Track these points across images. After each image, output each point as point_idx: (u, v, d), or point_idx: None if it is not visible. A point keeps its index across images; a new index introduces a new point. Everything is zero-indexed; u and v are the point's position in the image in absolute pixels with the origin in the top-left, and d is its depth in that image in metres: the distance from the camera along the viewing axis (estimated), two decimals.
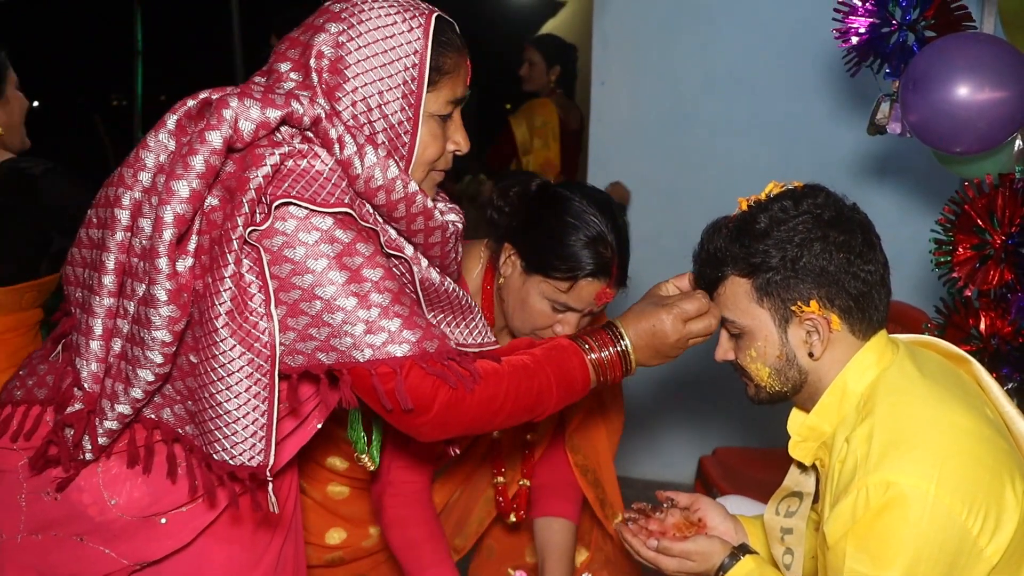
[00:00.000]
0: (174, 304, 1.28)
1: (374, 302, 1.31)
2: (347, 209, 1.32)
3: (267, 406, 1.30)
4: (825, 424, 1.46)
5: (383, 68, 1.41)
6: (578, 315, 1.78)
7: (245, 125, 1.31)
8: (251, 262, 1.29)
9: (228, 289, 1.28)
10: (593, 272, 1.72)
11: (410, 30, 1.42)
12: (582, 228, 1.72)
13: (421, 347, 1.33)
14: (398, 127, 1.43)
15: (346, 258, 1.31)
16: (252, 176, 1.29)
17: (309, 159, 1.34)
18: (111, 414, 1.36)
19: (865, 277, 1.42)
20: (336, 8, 1.44)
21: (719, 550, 1.55)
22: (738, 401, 4.00)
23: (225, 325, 1.28)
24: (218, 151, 1.30)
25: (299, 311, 1.30)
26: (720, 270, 1.48)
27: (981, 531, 1.27)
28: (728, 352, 1.54)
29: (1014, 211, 2.09)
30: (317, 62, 1.39)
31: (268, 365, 1.29)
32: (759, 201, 1.47)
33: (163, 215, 1.27)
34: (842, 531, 1.32)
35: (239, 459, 1.32)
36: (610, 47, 3.74)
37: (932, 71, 2.07)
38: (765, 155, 3.55)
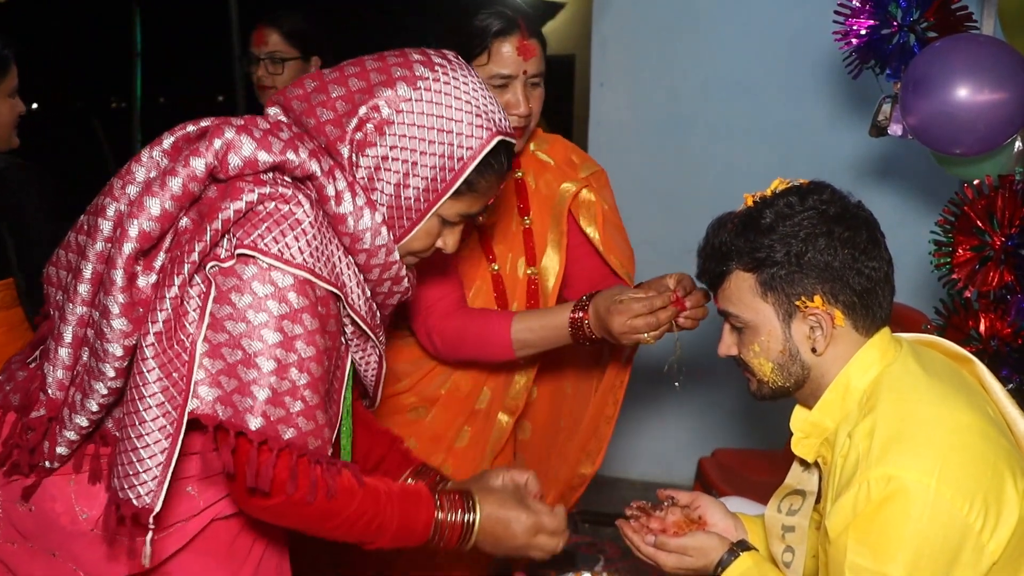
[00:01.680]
0: (126, 317, 1.26)
1: (290, 376, 1.28)
2: (307, 274, 1.29)
3: (169, 444, 1.27)
4: (828, 420, 1.46)
5: (424, 155, 1.39)
6: (519, 85, 1.88)
7: (232, 159, 1.30)
8: (197, 294, 1.28)
9: (164, 310, 1.26)
10: (499, 30, 1.87)
11: (469, 135, 1.40)
12: (475, 10, 1.88)
13: (304, 440, 1.30)
14: (404, 209, 1.41)
15: (286, 322, 1.27)
16: (224, 207, 1.27)
17: (291, 205, 1.30)
18: (70, 424, 1.34)
19: (869, 274, 1.42)
20: (418, 71, 1.40)
21: (717, 546, 1.56)
22: (737, 403, 4.01)
23: (151, 344, 1.26)
24: (198, 178, 1.29)
25: (219, 354, 1.27)
26: (724, 264, 1.49)
27: (983, 526, 1.28)
28: (731, 347, 1.54)
29: (1014, 212, 2.09)
30: (368, 112, 1.37)
31: (180, 399, 1.26)
32: (764, 197, 1.48)
33: (128, 228, 1.26)
34: (843, 525, 1.33)
35: (128, 493, 1.28)
36: (609, 50, 3.74)
37: (931, 73, 2.08)
38: (764, 158, 3.55)
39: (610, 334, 1.83)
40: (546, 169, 2.10)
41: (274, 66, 2.82)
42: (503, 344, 1.92)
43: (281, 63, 2.81)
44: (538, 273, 2.08)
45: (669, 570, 1.60)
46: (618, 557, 3.32)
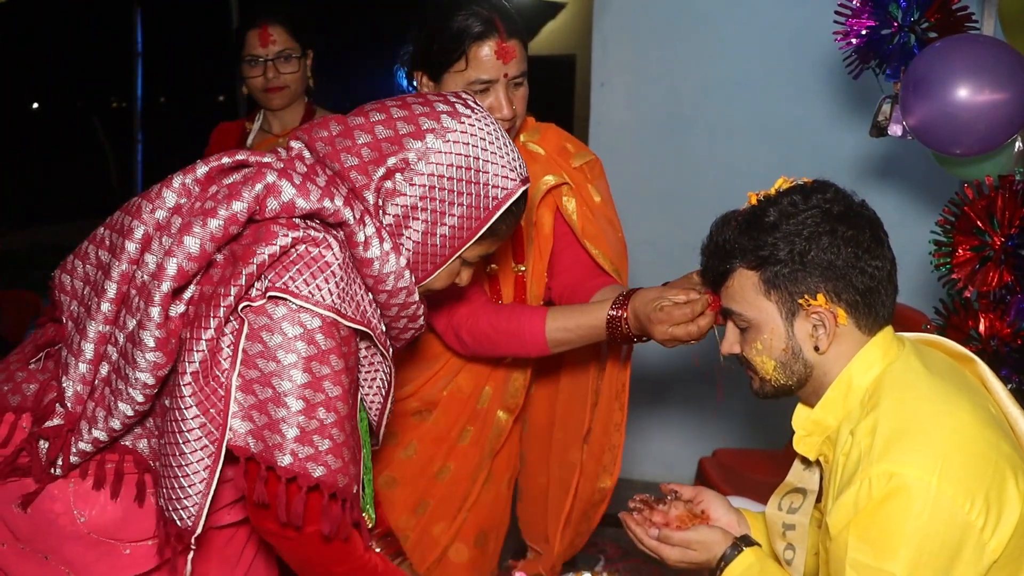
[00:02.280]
0: (161, 351, 1.30)
1: (318, 416, 1.31)
2: (335, 316, 1.32)
3: (208, 474, 1.31)
4: (830, 418, 1.47)
5: (452, 204, 1.43)
6: (501, 88, 1.85)
7: (271, 203, 1.33)
8: (231, 332, 1.31)
9: (201, 351, 1.30)
10: (477, 34, 1.81)
11: (496, 186, 1.45)
12: (453, 9, 1.83)
13: (334, 477, 1.33)
14: (429, 255, 1.46)
15: (315, 363, 1.31)
16: (259, 251, 1.30)
17: (322, 248, 1.34)
18: (87, 436, 1.37)
19: (872, 272, 1.42)
20: (445, 123, 1.43)
21: (720, 540, 1.56)
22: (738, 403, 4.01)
23: (188, 384, 1.30)
24: (239, 221, 1.32)
25: (250, 390, 1.31)
26: (728, 262, 1.49)
27: (985, 524, 1.28)
28: (734, 345, 1.54)
29: (1014, 213, 2.09)
30: (397, 163, 1.40)
31: (218, 433, 1.30)
32: (768, 195, 1.48)
33: (167, 266, 1.29)
34: (844, 521, 1.33)
35: (172, 515, 1.35)
36: (610, 49, 3.74)
37: (932, 73, 2.08)
38: (765, 158, 3.55)
39: (651, 337, 1.81)
40: (535, 160, 2.06)
41: (285, 64, 2.67)
42: (538, 344, 1.89)
43: (295, 60, 2.67)
44: (525, 270, 2.06)
45: (671, 564, 1.60)
46: (618, 557, 3.32)
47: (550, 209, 2.06)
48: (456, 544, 2.12)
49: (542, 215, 2.05)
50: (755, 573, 1.53)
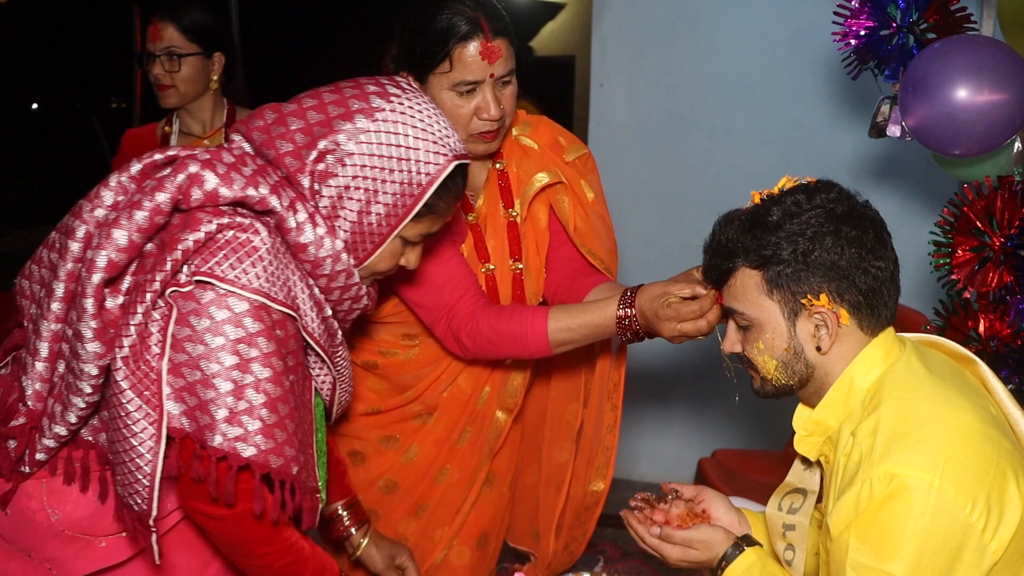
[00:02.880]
0: (99, 341, 1.34)
1: (247, 397, 1.34)
2: (263, 299, 1.36)
3: (153, 456, 1.35)
4: (831, 419, 1.47)
5: (385, 183, 1.46)
6: (488, 88, 1.82)
7: (195, 192, 1.37)
8: (161, 317, 1.35)
9: (129, 336, 1.34)
10: (462, 35, 1.77)
11: (427, 162, 1.48)
12: (435, 9, 1.79)
13: (265, 458, 1.36)
14: (367, 234, 1.49)
15: (242, 346, 1.34)
16: (184, 238, 1.34)
17: (249, 234, 1.37)
18: (49, 432, 1.41)
19: (876, 273, 1.42)
20: (374, 103, 1.46)
21: (722, 539, 1.56)
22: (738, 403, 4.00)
23: (120, 368, 1.34)
24: (163, 211, 1.36)
25: (180, 373, 1.34)
26: (731, 261, 1.49)
27: (986, 526, 1.28)
28: (735, 344, 1.54)
29: (1013, 213, 2.09)
30: (328, 145, 1.43)
31: (156, 415, 1.34)
32: (772, 195, 1.48)
33: (96, 259, 1.33)
34: (845, 522, 1.33)
35: (128, 500, 1.39)
36: (609, 50, 3.74)
37: (931, 74, 2.07)
38: (764, 158, 3.55)
39: (658, 334, 1.80)
40: (528, 155, 2.04)
41: (171, 63, 2.59)
42: (541, 345, 1.87)
43: (178, 59, 2.59)
44: (522, 267, 2.05)
45: (672, 562, 1.60)
46: (618, 558, 3.32)
47: (545, 204, 2.05)
48: (457, 546, 2.12)
49: (537, 210, 2.04)
50: (756, 573, 1.53)
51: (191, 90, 2.63)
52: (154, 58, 2.60)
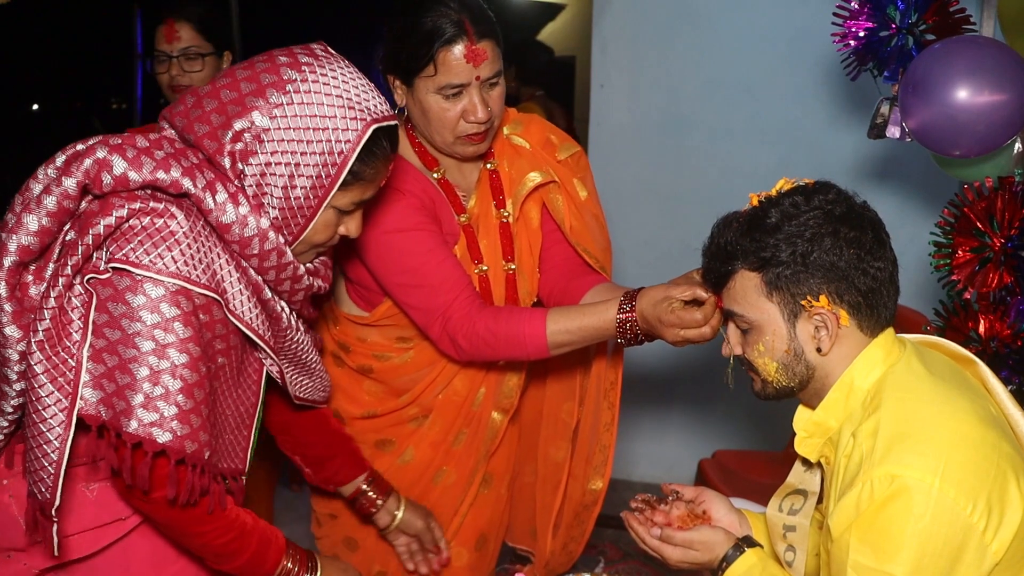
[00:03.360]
0: (15, 324, 1.35)
1: (163, 382, 1.34)
2: (182, 283, 1.35)
3: (60, 443, 1.33)
4: (831, 420, 1.47)
5: (305, 155, 1.43)
6: (475, 91, 1.81)
7: (105, 177, 1.36)
8: (81, 303, 1.35)
9: (44, 320, 1.34)
10: (447, 39, 1.75)
11: (345, 129, 1.44)
12: (420, 12, 1.77)
13: (181, 444, 1.36)
14: (296, 209, 1.47)
15: (158, 331, 1.34)
16: (95, 223, 1.34)
17: (165, 218, 1.36)
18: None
19: (875, 274, 1.42)
20: (286, 75, 1.43)
21: (722, 541, 1.56)
22: (738, 404, 4.00)
23: (34, 353, 1.33)
24: (71, 196, 1.35)
25: (99, 359, 1.33)
26: (730, 264, 1.49)
27: (987, 526, 1.28)
28: (736, 347, 1.55)
29: (1013, 214, 2.09)
30: (244, 124, 1.41)
31: (67, 402, 1.33)
32: (770, 196, 1.48)
33: (7, 243, 1.34)
34: (846, 524, 1.33)
35: (34, 488, 1.37)
36: (609, 50, 3.74)
37: (931, 74, 2.07)
38: (764, 159, 3.55)
39: (661, 338, 1.79)
40: (520, 155, 2.03)
41: (190, 63, 2.53)
42: (539, 347, 1.85)
43: (201, 59, 2.54)
44: (515, 268, 2.04)
45: (673, 564, 1.60)
46: (619, 559, 3.32)
47: (537, 204, 2.04)
48: (456, 547, 2.12)
49: (529, 210, 2.04)
50: (757, 573, 1.53)
51: None
52: (169, 59, 2.53)
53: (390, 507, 1.94)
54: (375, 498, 1.93)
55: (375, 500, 1.93)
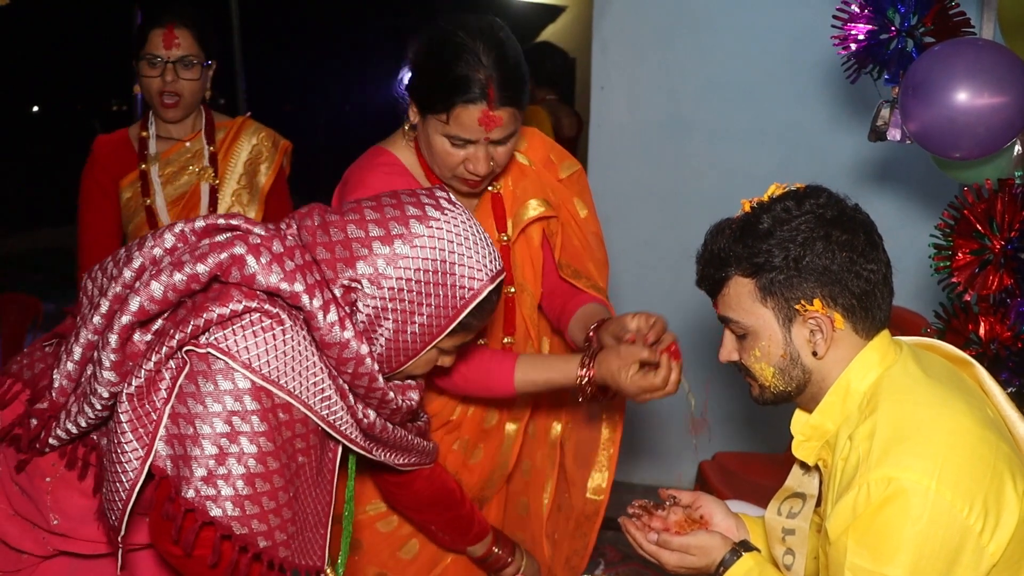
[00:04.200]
0: (115, 371, 1.44)
1: (227, 464, 1.41)
2: (267, 384, 1.42)
3: (130, 485, 1.42)
4: (828, 423, 1.47)
5: (421, 305, 1.51)
6: (481, 147, 1.80)
7: (234, 272, 1.44)
8: (175, 366, 1.43)
9: (139, 378, 1.42)
10: (469, 98, 1.74)
11: (462, 287, 1.52)
12: (451, 56, 1.74)
13: (230, 523, 1.41)
14: (401, 349, 1.54)
15: (235, 418, 1.40)
16: (211, 309, 1.42)
17: (272, 321, 1.43)
18: (61, 426, 1.51)
19: (868, 276, 1.42)
20: (413, 228, 1.49)
21: (719, 545, 1.56)
22: (739, 407, 3.99)
23: (123, 403, 1.42)
24: (200, 280, 1.43)
25: (176, 422, 1.42)
26: (723, 271, 1.49)
27: (984, 528, 1.28)
28: (732, 353, 1.54)
29: (1013, 216, 2.09)
30: (364, 268, 1.48)
31: (143, 452, 1.42)
32: (762, 202, 1.48)
33: (131, 302, 1.43)
34: (843, 526, 1.33)
35: (107, 511, 1.48)
36: (609, 52, 3.74)
37: (931, 77, 2.08)
38: (764, 161, 3.55)
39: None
40: (524, 175, 2.03)
41: (186, 70, 2.50)
42: (506, 391, 1.90)
43: (199, 68, 2.52)
44: (513, 292, 2.05)
45: (671, 569, 1.60)
46: (618, 561, 3.32)
47: (538, 225, 2.06)
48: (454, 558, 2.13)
49: (530, 230, 2.05)
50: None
51: (196, 100, 2.60)
52: (164, 64, 2.50)
53: (516, 562, 2.03)
54: (503, 555, 2.02)
55: (504, 557, 2.02)
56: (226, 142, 2.67)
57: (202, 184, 2.62)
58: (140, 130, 2.65)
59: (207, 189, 2.62)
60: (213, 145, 2.65)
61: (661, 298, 3.79)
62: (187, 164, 2.63)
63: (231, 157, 2.67)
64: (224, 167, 2.65)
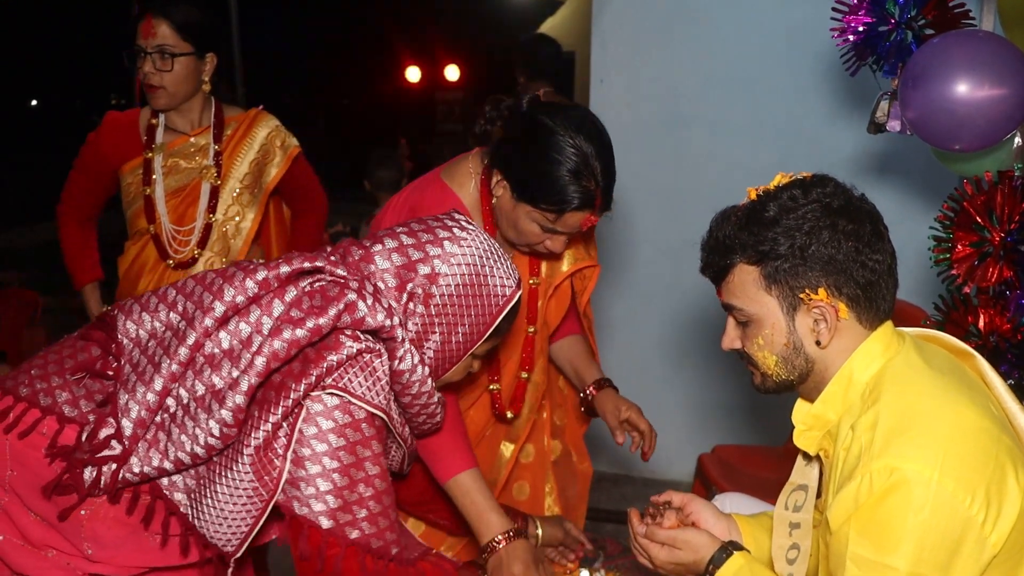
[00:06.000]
0: (235, 427, 1.50)
1: (358, 490, 1.53)
2: (379, 412, 1.56)
3: (252, 521, 1.53)
4: (830, 412, 1.47)
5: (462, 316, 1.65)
6: (566, 236, 1.94)
7: (346, 318, 1.55)
8: (295, 413, 1.51)
9: (264, 430, 1.50)
10: (577, 207, 1.84)
11: (496, 295, 1.67)
12: (566, 164, 1.82)
13: (368, 540, 1.54)
14: (446, 358, 1.68)
15: (360, 447, 1.53)
16: (328, 357, 1.52)
17: (374, 357, 1.56)
18: (135, 470, 1.52)
19: (873, 266, 1.42)
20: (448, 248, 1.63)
21: (707, 543, 1.58)
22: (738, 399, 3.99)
23: (250, 455, 1.50)
24: (322, 332, 1.53)
25: (301, 464, 1.51)
26: (728, 258, 1.49)
27: (986, 519, 1.28)
28: (735, 341, 1.55)
29: (1013, 208, 2.09)
30: (412, 287, 1.62)
31: (268, 495, 1.52)
32: (768, 190, 1.49)
33: (256, 362, 1.50)
34: (845, 516, 1.33)
35: (214, 539, 1.56)
36: (609, 46, 3.74)
37: (931, 68, 2.07)
38: (764, 154, 3.55)
39: None
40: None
41: (163, 61, 2.52)
42: (439, 480, 1.90)
43: (171, 58, 2.52)
44: (536, 332, 2.13)
45: (661, 564, 1.62)
46: (618, 554, 3.31)
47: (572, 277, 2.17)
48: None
49: (565, 283, 2.16)
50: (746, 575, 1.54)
51: (182, 91, 2.58)
52: (145, 55, 2.53)
53: (530, 532, 2.04)
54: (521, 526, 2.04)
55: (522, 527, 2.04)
56: (235, 138, 2.66)
57: (203, 183, 2.62)
58: (151, 117, 2.67)
59: (208, 188, 2.62)
60: (219, 144, 2.64)
61: (661, 292, 3.80)
62: (191, 159, 2.63)
63: (238, 155, 2.66)
64: (229, 166, 2.64)
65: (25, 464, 1.53)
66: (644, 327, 3.81)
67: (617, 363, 3.78)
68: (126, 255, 2.71)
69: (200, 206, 2.62)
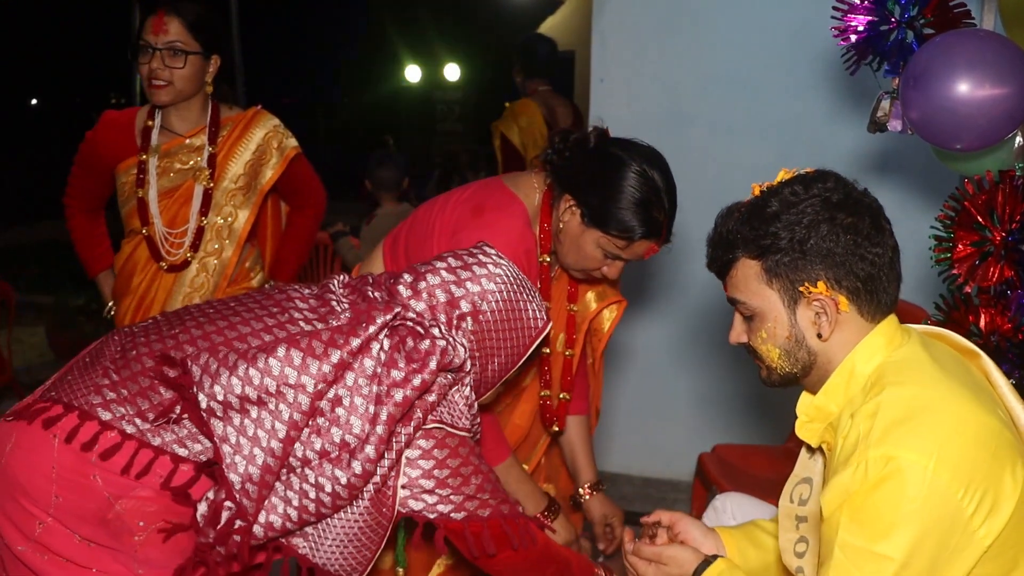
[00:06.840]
0: (363, 479, 1.56)
1: (473, 481, 1.66)
2: (468, 435, 1.68)
3: (370, 552, 1.65)
4: (832, 404, 1.48)
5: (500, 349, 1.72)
6: (624, 263, 2.04)
7: (433, 362, 1.61)
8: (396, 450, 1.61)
9: (382, 467, 1.59)
10: (645, 235, 1.95)
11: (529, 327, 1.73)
12: (640, 194, 1.93)
13: (498, 509, 1.69)
14: (482, 386, 1.76)
15: (461, 448, 1.65)
16: (425, 399, 1.61)
17: (455, 391, 1.67)
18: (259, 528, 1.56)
19: (872, 259, 1.43)
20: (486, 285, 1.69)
21: (691, 557, 1.63)
22: (738, 398, 3.98)
23: (368, 490, 1.59)
24: (427, 386, 1.60)
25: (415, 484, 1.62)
26: (732, 252, 1.51)
27: (976, 512, 1.29)
28: (741, 335, 1.57)
29: (1014, 208, 2.09)
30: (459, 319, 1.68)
31: (386, 522, 1.63)
32: (771, 186, 1.51)
33: (380, 413, 1.56)
34: (838, 503, 1.34)
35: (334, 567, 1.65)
36: (609, 45, 3.74)
37: (932, 67, 2.07)
38: (764, 154, 3.55)
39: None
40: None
41: (173, 59, 2.51)
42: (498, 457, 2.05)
43: (183, 56, 2.52)
44: (572, 354, 2.21)
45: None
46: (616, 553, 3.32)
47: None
48: None
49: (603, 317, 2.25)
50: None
51: (188, 89, 2.58)
52: (153, 51, 2.52)
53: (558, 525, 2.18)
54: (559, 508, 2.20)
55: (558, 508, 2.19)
56: (231, 139, 2.65)
57: (196, 184, 2.61)
58: (147, 118, 2.65)
59: (200, 190, 2.61)
60: (214, 146, 2.63)
61: (663, 289, 3.79)
62: (185, 160, 2.62)
63: (233, 156, 2.65)
64: (223, 167, 2.63)
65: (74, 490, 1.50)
66: (644, 326, 3.81)
67: (617, 363, 3.78)
68: (121, 253, 2.72)
69: (193, 208, 2.61)
